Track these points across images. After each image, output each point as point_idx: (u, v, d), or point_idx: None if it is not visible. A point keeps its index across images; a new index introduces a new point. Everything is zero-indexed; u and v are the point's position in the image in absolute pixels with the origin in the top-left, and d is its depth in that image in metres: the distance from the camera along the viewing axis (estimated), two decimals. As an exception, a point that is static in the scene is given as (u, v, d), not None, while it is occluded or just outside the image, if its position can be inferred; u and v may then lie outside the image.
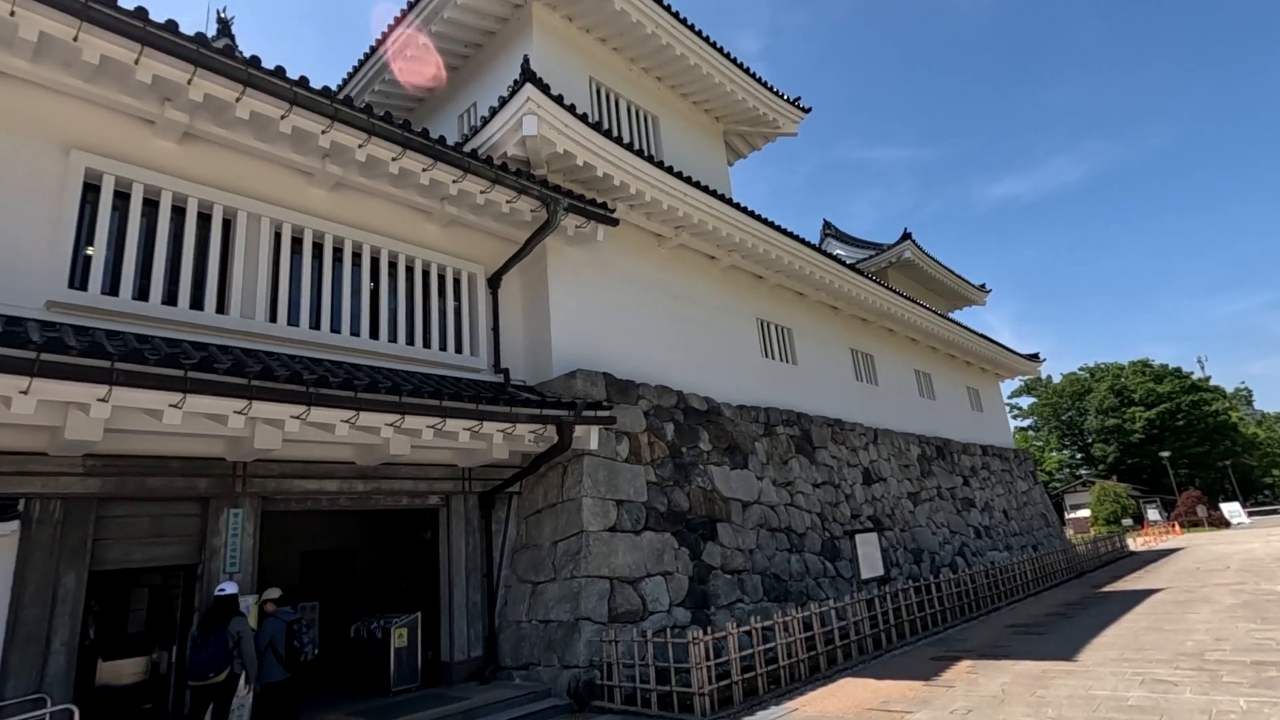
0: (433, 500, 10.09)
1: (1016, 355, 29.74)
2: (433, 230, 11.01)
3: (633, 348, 12.74)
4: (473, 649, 9.78)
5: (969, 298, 31.82)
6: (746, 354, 15.68)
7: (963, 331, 24.79)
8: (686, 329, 14.17)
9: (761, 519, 13.03)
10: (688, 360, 13.87)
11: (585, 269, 12.39)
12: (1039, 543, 25.90)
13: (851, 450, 17.44)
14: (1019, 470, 28.37)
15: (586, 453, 10.32)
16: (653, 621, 9.84)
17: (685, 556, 11.01)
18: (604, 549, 9.73)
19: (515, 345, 11.73)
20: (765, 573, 12.46)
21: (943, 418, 24.17)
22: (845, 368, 19.35)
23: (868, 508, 16.69)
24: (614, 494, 10.36)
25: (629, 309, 13.01)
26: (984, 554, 21.13)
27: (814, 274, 16.74)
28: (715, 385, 14.30)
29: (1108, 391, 67.00)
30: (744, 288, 16.33)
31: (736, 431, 13.76)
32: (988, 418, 28.48)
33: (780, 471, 14.38)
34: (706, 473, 12.45)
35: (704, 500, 11.97)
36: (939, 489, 20.78)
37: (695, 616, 10.60)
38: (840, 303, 19.23)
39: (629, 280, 13.24)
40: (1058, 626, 11.75)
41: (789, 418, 15.62)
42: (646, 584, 10.08)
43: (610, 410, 10.18)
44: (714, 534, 11.80)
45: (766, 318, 16.81)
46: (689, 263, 14.84)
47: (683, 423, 12.50)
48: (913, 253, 26.27)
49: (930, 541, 18.35)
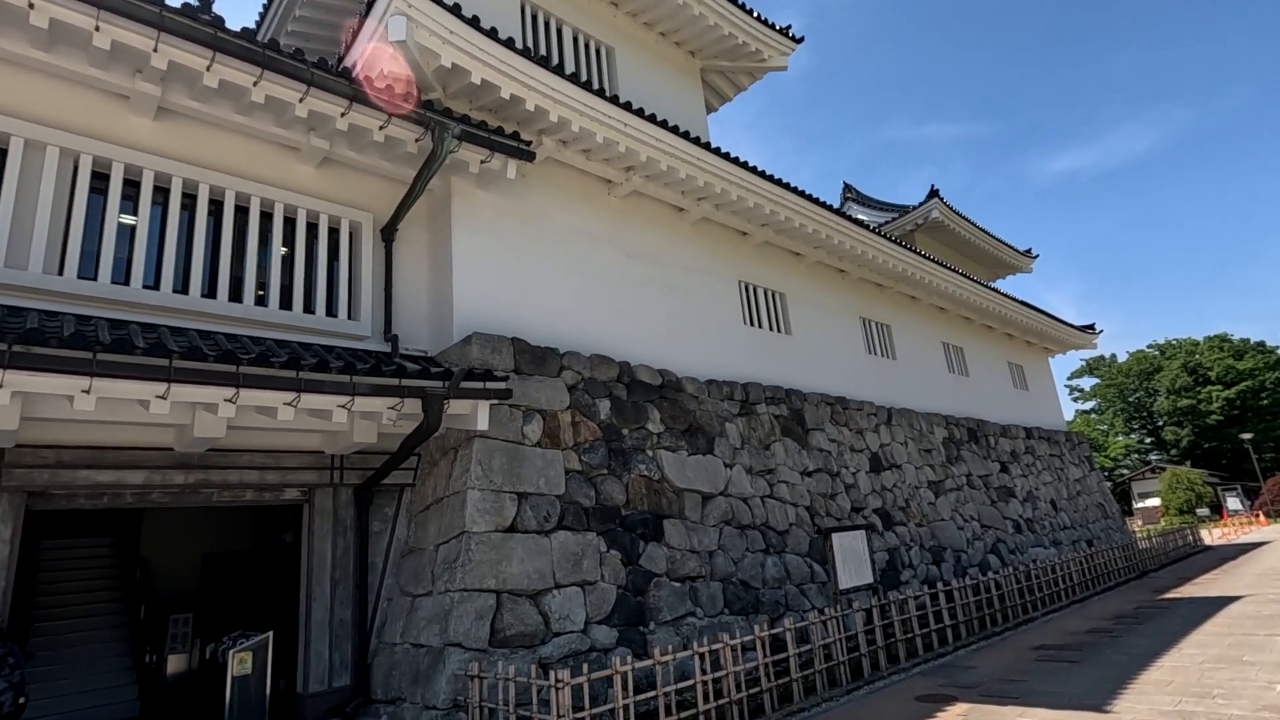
0: (290, 494, 8.28)
1: (1068, 327, 26.44)
2: (304, 171, 9.16)
3: (569, 312, 10.68)
4: (336, 677, 7.94)
5: (1012, 264, 28.56)
6: (724, 322, 13.43)
7: (1001, 299, 21.84)
8: (643, 292, 12.02)
9: (727, 514, 10.83)
10: (643, 328, 11.74)
11: (505, 218, 10.37)
12: (1094, 537, 22.81)
13: (856, 433, 15.00)
14: (1071, 455, 25.20)
15: (477, 435, 8.34)
16: (558, 645, 7.82)
17: (615, 562, 8.94)
18: (491, 554, 7.74)
19: (417, 309, 9.81)
20: (729, 579, 10.28)
21: (977, 396, 21.33)
22: (853, 339, 16.85)
23: (874, 499, 14.26)
24: (515, 485, 8.35)
25: (567, 267, 10.94)
26: (1024, 551, 18.36)
27: (809, 229, 14.33)
28: (680, 357, 12.13)
29: (1180, 370, 61.54)
30: (723, 245, 14.05)
31: (701, 410, 11.57)
32: (1034, 397, 25.37)
33: (758, 457, 12.13)
34: (655, 459, 10.32)
35: (648, 492, 9.86)
36: (969, 477, 18.09)
37: (624, 637, 8.53)
38: (847, 264, 16.72)
39: (568, 234, 11.16)
40: (1097, 651, 9.22)
41: (775, 395, 13.32)
42: (553, 597, 8.05)
43: (505, 382, 8.16)
44: (659, 533, 9.68)
45: (752, 280, 14.49)
46: (649, 215, 12.67)
47: (625, 400, 10.39)
48: (941, 212, 23.33)
49: (955, 538, 15.77)
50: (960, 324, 21.99)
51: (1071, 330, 26.73)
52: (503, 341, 9.08)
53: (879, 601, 9.68)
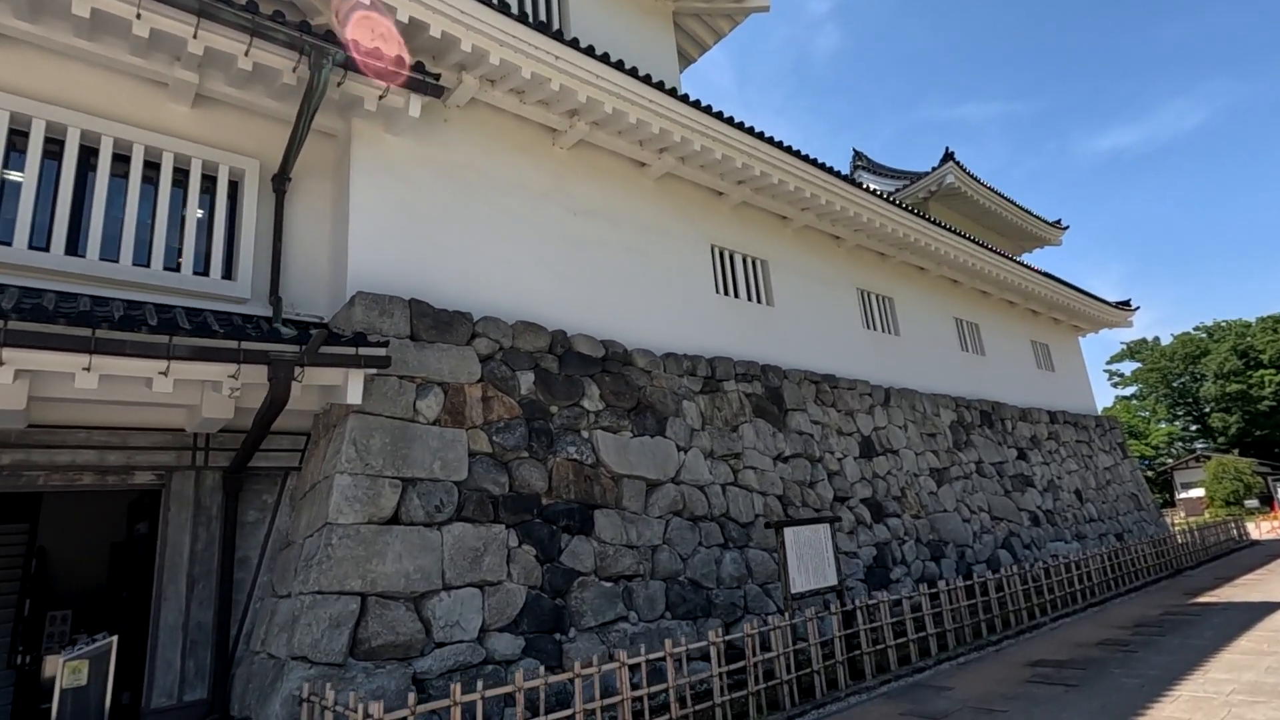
0: (142, 478, 7.19)
1: (1100, 302, 24.33)
2: (178, 111, 8.02)
3: (498, 275, 9.41)
4: (189, 689, 6.86)
5: (1040, 236, 26.42)
6: (693, 290, 12.03)
7: (1022, 271, 19.96)
8: (592, 254, 10.69)
9: (677, 504, 9.51)
10: (591, 294, 10.42)
11: (422, 168, 9.12)
12: (1124, 531, 20.92)
13: (845, 414, 13.50)
14: (1101, 441, 23.23)
15: (353, 410, 7.14)
16: (441, 657, 6.62)
17: (528, 558, 7.70)
18: (358, 551, 6.55)
19: (317, 271, 8.65)
20: (675, 578, 8.98)
21: (993, 377, 19.56)
22: (848, 312, 15.28)
23: (863, 488, 12.77)
24: (400, 470, 7.14)
25: (498, 225, 9.67)
26: (1042, 546, 16.68)
27: (791, 186, 12.81)
28: (635, 327, 10.79)
29: (1230, 353, 57.91)
30: (693, 206, 12.62)
31: (653, 387, 10.23)
32: (1061, 378, 23.41)
33: (722, 440, 10.75)
34: (590, 441, 9.04)
35: (576, 479, 8.58)
36: (979, 464, 16.44)
37: (534, 647, 7.30)
38: (841, 230, 15.14)
39: (502, 187, 9.88)
40: (1104, 672, 7.71)
41: (748, 371, 11.90)
42: (440, 601, 6.85)
43: (386, 348, 6.93)
44: (587, 525, 8.41)
45: (728, 245, 13.04)
46: (602, 169, 11.30)
47: (555, 373, 9.10)
48: (957, 177, 21.41)
49: (959, 531, 14.20)
50: (976, 298, 20.19)
51: (1104, 306, 24.61)
52: (395, 303, 7.85)
53: (842, 607, 8.27)
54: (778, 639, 7.16)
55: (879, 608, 8.60)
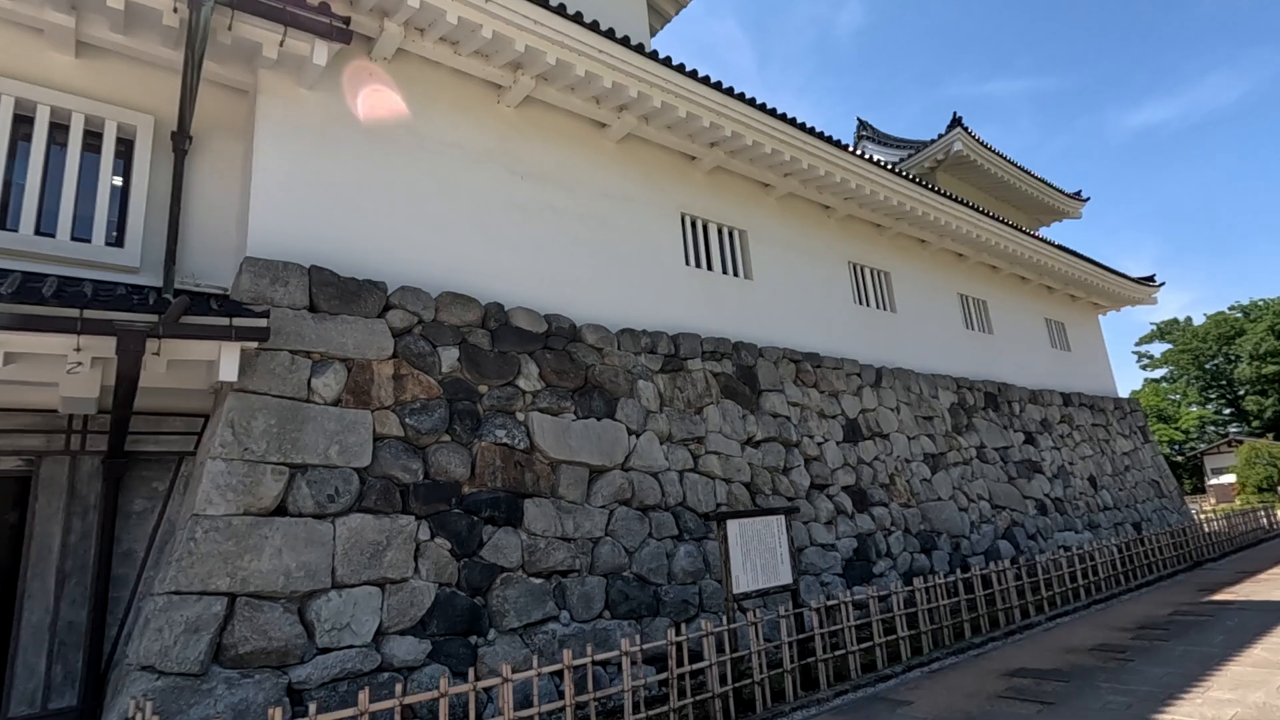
0: (8, 464, 6.54)
1: (1122, 278, 22.87)
2: (61, 61, 7.29)
3: (429, 243, 8.62)
4: (55, 696, 6.24)
5: (1057, 208, 24.94)
6: (658, 262, 11.14)
7: (1035, 244, 18.69)
8: (541, 222, 9.84)
9: (624, 492, 8.69)
10: (538, 265, 9.59)
11: (343, 127, 8.31)
12: (1144, 519, 19.70)
13: (829, 395, 12.54)
14: (1120, 425, 21.93)
15: (234, 389, 6.40)
16: (325, 664, 5.90)
17: (441, 553, 6.95)
18: (227, 546, 5.83)
19: (227, 238, 7.91)
20: (618, 574, 8.19)
21: (1001, 356, 18.39)
22: (838, 287, 14.26)
23: (845, 474, 11.84)
24: (288, 455, 6.40)
25: (432, 189, 8.86)
26: (1049, 536, 15.61)
27: (768, 148, 11.80)
28: (589, 301, 9.95)
29: (1267, 332, 55.38)
30: (661, 171, 11.69)
31: (604, 365, 9.39)
32: (1077, 359, 22.10)
33: (683, 423, 9.89)
34: (524, 423, 8.24)
35: (505, 465, 7.79)
36: (980, 449, 15.37)
37: (443, 651, 6.57)
38: (830, 199, 14.09)
39: (437, 148, 9.05)
40: (1089, 685, 6.77)
41: (718, 349, 11.00)
42: (327, 601, 6.13)
43: (263, 319, 6.16)
44: (515, 516, 7.63)
45: (700, 214, 12.10)
46: (556, 129, 10.41)
47: (487, 349, 8.29)
48: (965, 144, 20.09)
49: (954, 521, 13.22)
50: (983, 273, 18.98)
51: (1126, 282, 23.15)
52: (291, 270, 7.08)
53: (795, 607, 7.41)
54: (710, 646, 6.33)
55: (840, 609, 7.71)
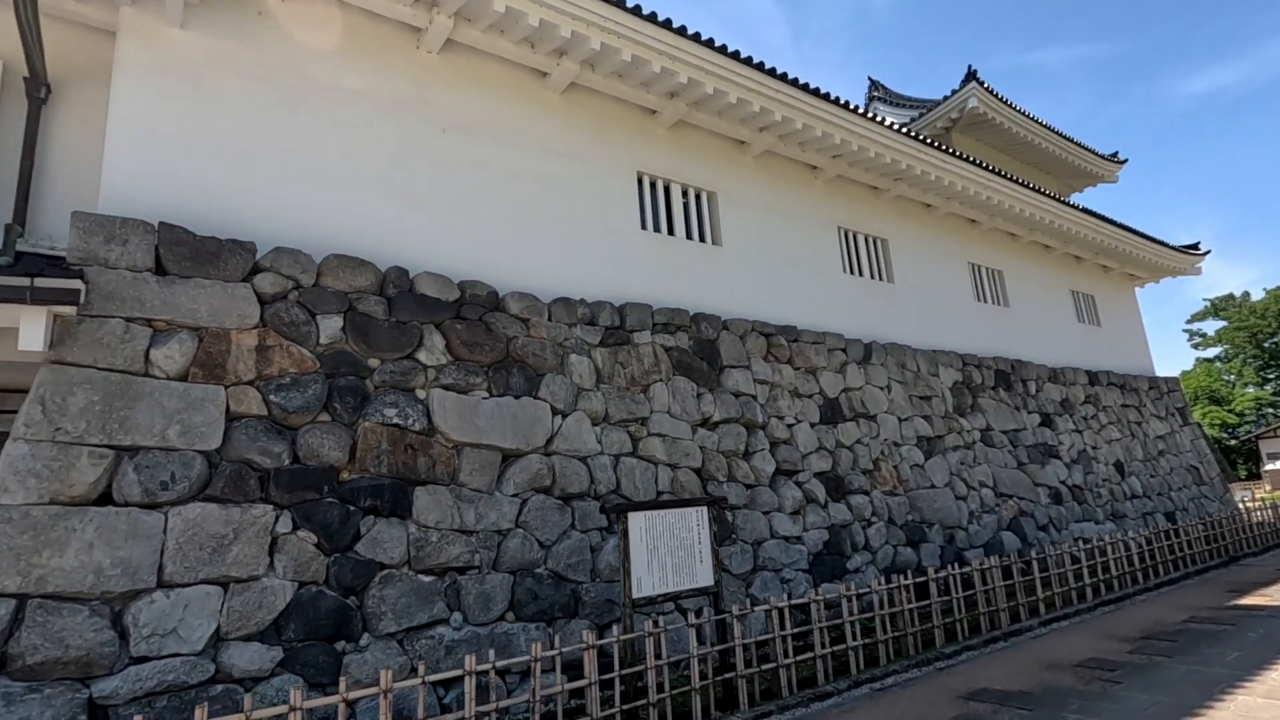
0: None
1: (1159, 245, 20.90)
2: (-107, 0, 6.58)
3: (326, 202, 7.75)
4: None
5: (1090, 172, 22.96)
6: (608, 225, 10.10)
7: (1057, 208, 17.00)
8: (467, 181, 8.88)
9: (542, 478, 7.75)
10: (460, 227, 8.66)
11: (218, 69, 7.45)
12: (1178, 509, 18.03)
13: (805, 372, 11.38)
14: (1155, 405, 20.15)
15: (48, 361, 5.62)
16: (140, 676, 5.13)
17: (305, 547, 6.12)
18: (21, 539, 5.07)
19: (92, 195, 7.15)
20: (528, 570, 7.28)
21: (1017, 331, 16.86)
22: (824, 254, 13.01)
23: (820, 459, 10.70)
24: (114, 436, 5.62)
25: (329, 142, 7.97)
26: (1064, 527, 14.22)
27: (733, 98, 10.60)
28: (521, 267, 9.00)
29: (1332, 309, 51.54)
30: (614, 126, 10.61)
31: (530, 338, 8.43)
32: (1108, 334, 20.34)
33: (623, 402, 8.89)
34: (424, 402, 7.35)
35: (394, 448, 6.92)
36: (986, 432, 14.02)
37: (299, 659, 5.76)
38: (815, 157, 12.82)
39: (335, 95, 8.15)
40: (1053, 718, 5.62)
41: (672, 320, 9.94)
42: (149, 603, 5.35)
43: (77, 280, 5.35)
44: (402, 506, 6.76)
45: (660, 173, 10.99)
46: (485, 78, 9.41)
47: (380, 318, 7.40)
48: (981, 100, 18.38)
49: (949, 510, 11.97)
50: (999, 241, 17.41)
51: (1164, 250, 21.18)
52: (132, 226, 6.25)
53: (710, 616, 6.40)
54: (590, 661, 5.37)
55: (772, 616, 6.66)
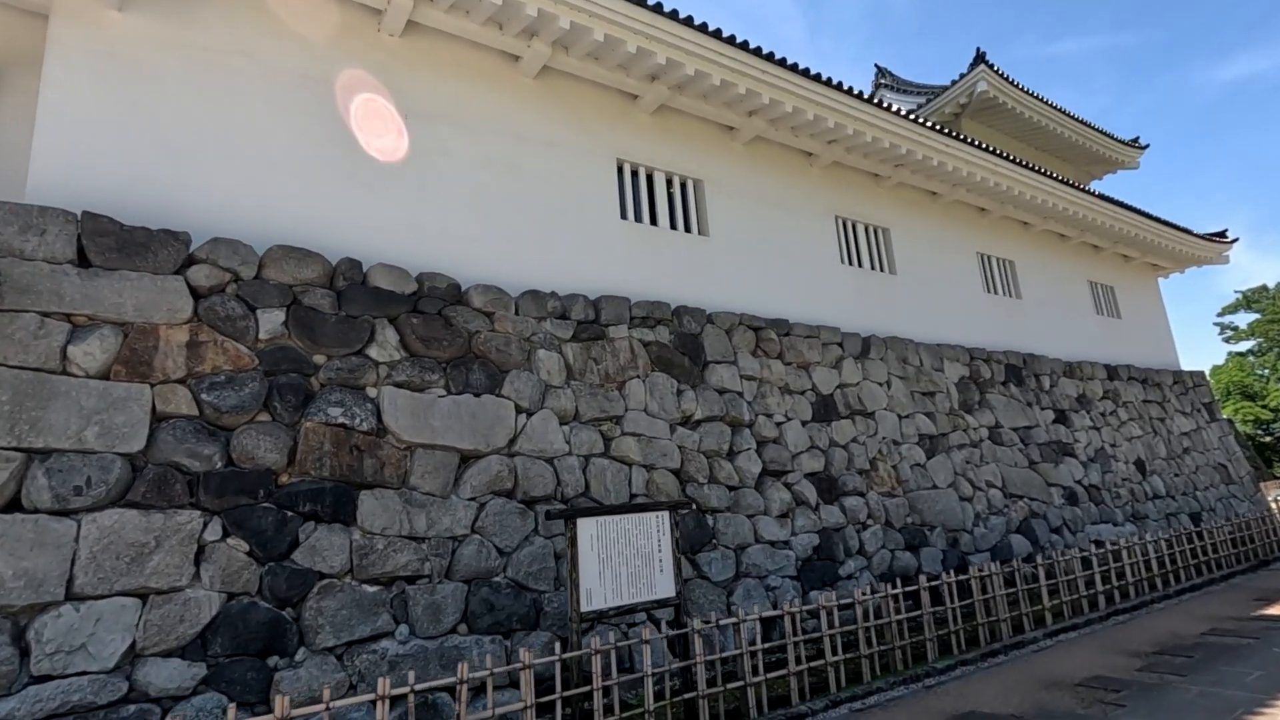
0: None
1: (1183, 233, 19.95)
2: None
3: (276, 191, 7.40)
4: None
5: (1109, 158, 22.04)
6: (586, 215, 9.66)
7: (1072, 195, 16.22)
8: (431, 169, 8.50)
9: (502, 481, 7.31)
10: (422, 218, 8.27)
11: (159, 53, 7.12)
12: (1204, 509, 17.13)
13: (797, 368, 10.82)
14: (1180, 401, 19.23)
15: (-49, 358, 5.29)
16: (39, 698, 4.77)
17: (236, 555, 5.74)
18: (-88, 551, 4.74)
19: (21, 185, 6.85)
20: (485, 579, 6.84)
21: (1031, 324, 16.12)
22: (820, 245, 12.44)
23: (812, 459, 10.14)
24: (23, 438, 5.26)
25: (280, 128, 7.62)
26: (1079, 529, 13.49)
27: (715, 80, 10.09)
28: (491, 260, 8.60)
29: (1372, 300, 49.49)
30: (593, 111, 10.15)
31: (492, 333, 7.99)
32: (1129, 326, 19.46)
33: (595, 400, 8.42)
34: (374, 400, 6.94)
35: (338, 449, 6.51)
36: (994, 429, 13.33)
37: (224, 676, 5.37)
38: (811, 142, 12.25)
39: (287, 79, 7.79)
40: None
41: (652, 313, 9.46)
42: (56, 617, 4.99)
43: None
44: (346, 511, 6.36)
45: (642, 161, 10.51)
46: (451, 62, 9.01)
47: (327, 312, 7.00)
48: (991, 84, 17.62)
49: (952, 512, 11.33)
50: (1010, 230, 16.67)
51: (1189, 238, 20.21)
52: (50, 216, 5.90)
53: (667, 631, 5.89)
54: (526, 682, 4.91)
55: (738, 629, 6.14)
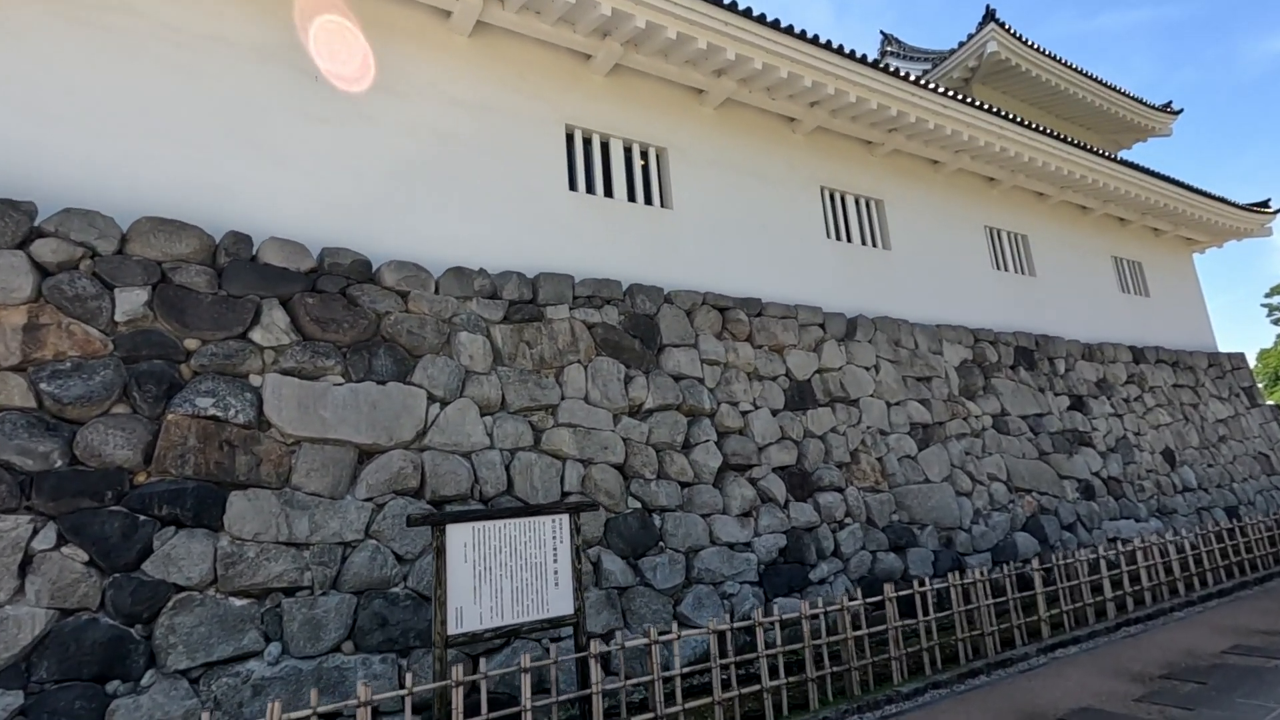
0: None
1: (1220, 203, 18.31)
2: None
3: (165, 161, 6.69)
4: None
5: (1139, 124, 20.43)
6: (528, 187, 8.81)
7: (1092, 161, 14.85)
8: (351, 137, 7.73)
9: (406, 479, 6.53)
10: (338, 191, 7.52)
11: (26, 10, 6.45)
12: (1243, 502, 15.70)
13: (769, 351, 9.86)
14: (1216, 385, 17.71)
15: None
16: None
17: (72, 565, 5.07)
18: None
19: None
20: (381, 591, 6.08)
21: (1045, 303, 14.86)
22: (803, 218, 11.41)
23: (782, 451, 9.18)
24: None
25: (170, 92, 6.91)
26: (1095, 526, 12.29)
27: (673, 33, 9.14)
28: (415, 235, 7.83)
29: None
30: (538, 73, 9.29)
31: (405, 314, 7.21)
32: (1158, 305, 17.99)
33: (525, 387, 7.59)
34: (257, 389, 6.20)
35: (205, 445, 5.79)
36: (999, 417, 12.18)
37: (45, 704, 4.70)
38: (791, 106, 11.22)
39: (179, 40, 7.08)
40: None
41: (599, 292, 8.59)
42: None
43: None
44: (212, 515, 5.64)
45: (596, 127, 9.62)
46: (377, 21, 8.21)
47: (202, 291, 6.27)
48: (1002, 44, 16.24)
49: (946, 509, 10.27)
50: (1023, 200, 15.39)
51: (1226, 208, 18.58)
52: None
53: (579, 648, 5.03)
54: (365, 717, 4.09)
55: (651, 651, 5.26)
